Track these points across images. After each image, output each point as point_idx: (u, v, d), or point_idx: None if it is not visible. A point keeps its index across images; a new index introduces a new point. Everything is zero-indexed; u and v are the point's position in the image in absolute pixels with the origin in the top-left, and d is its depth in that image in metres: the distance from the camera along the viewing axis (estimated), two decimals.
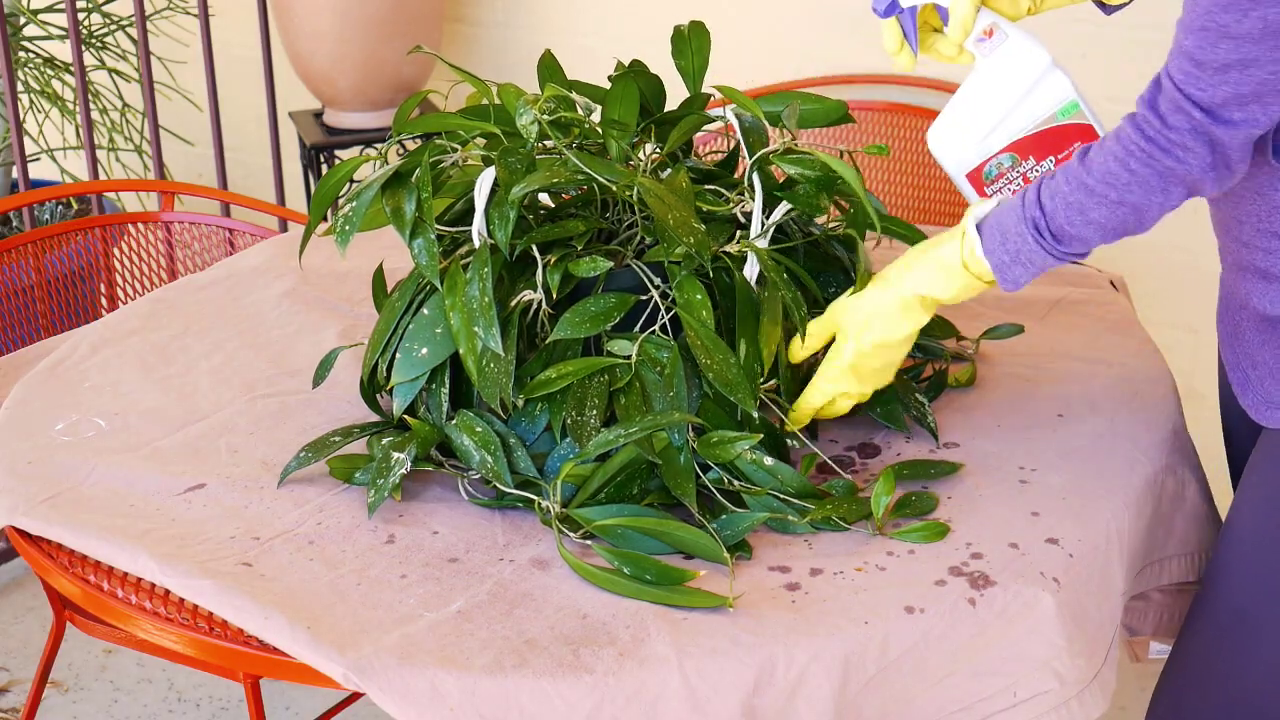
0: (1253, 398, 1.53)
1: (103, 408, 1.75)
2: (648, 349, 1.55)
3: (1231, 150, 1.35)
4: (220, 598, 1.40)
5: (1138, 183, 1.37)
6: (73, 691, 2.59)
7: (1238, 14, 1.28)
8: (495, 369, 1.53)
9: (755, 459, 1.52)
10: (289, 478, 1.58)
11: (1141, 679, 2.50)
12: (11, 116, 2.82)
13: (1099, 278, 2.04)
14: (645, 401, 1.53)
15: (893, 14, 1.59)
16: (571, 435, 1.51)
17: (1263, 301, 1.49)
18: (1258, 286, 1.49)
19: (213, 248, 2.52)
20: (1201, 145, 1.34)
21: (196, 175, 3.78)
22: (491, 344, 1.51)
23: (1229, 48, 1.29)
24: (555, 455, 1.55)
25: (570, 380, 1.53)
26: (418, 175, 1.59)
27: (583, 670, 1.31)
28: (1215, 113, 1.33)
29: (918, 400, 1.68)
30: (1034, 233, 1.44)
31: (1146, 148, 1.37)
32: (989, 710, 1.42)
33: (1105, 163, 1.39)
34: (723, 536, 1.46)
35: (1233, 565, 1.54)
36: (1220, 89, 1.31)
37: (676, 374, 1.52)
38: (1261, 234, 1.46)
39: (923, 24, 1.61)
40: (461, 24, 3.44)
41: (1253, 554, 1.52)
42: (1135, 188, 1.38)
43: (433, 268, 1.56)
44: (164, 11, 3.34)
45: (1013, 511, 1.53)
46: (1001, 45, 1.57)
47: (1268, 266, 1.47)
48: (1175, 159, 1.35)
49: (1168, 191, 1.38)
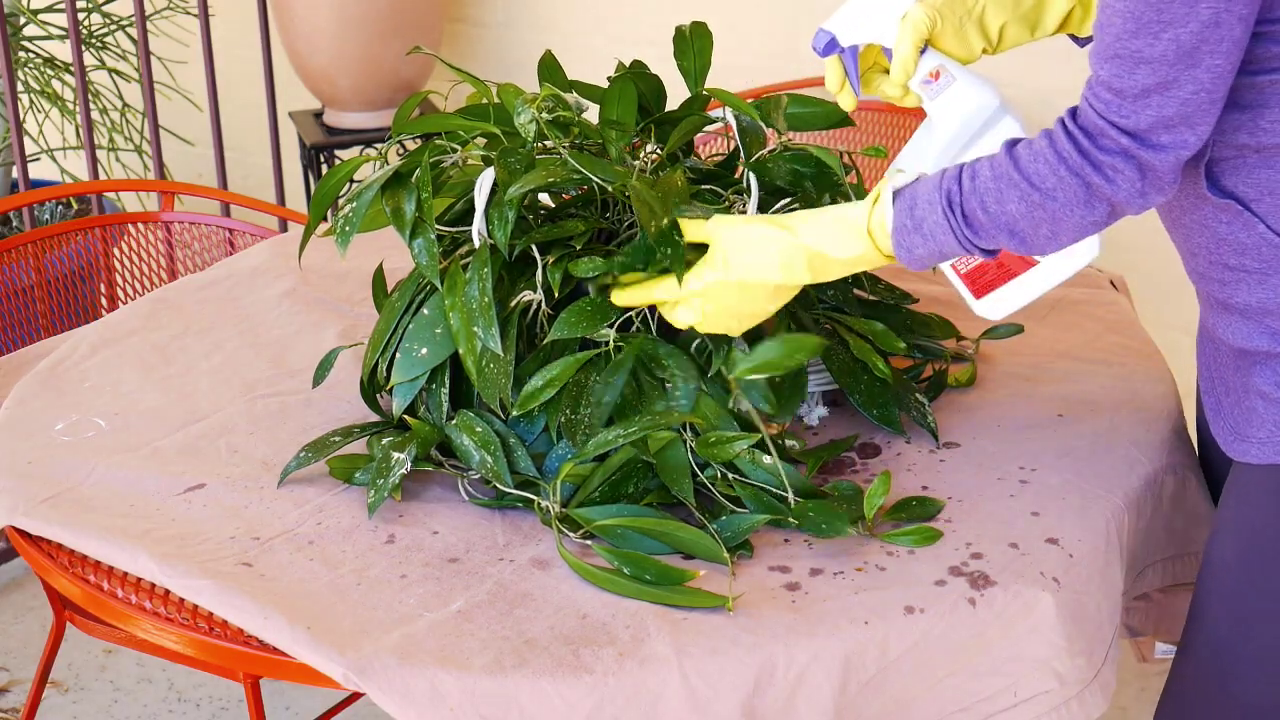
0: (1223, 427, 1.50)
1: (103, 408, 1.75)
2: (646, 345, 1.55)
3: (1163, 173, 1.32)
4: (220, 598, 1.40)
5: (1063, 189, 1.34)
6: (73, 691, 2.59)
7: (1149, 38, 1.26)
8: (495, 369, 1.53)
9: (754, 458, 1.52)
10: (289, 478, 1.58)
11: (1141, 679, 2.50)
12: (11, 116, 2.82)
13: (1099, 278, 2.04)
14: (640, 398, 1.53)
15: (832, 53, 1.55)
16: (565, 434, 1.51)
17: (1227, 333, 1.47)
18: (1221, 318, 1.47)
19: (213, 248, 2.52)
20: (1131, 169, 1.32)
21: (196, 175, 3.78)
22: (491, 344, 1.51)
23: (1146, 73, 1.27)
24: (554, 455, 1.55)
25: (558, 386, 1.53)
26: (417, 175, 1.59)
27: (583, 670, 1.31)
28: (1142, 138, 1.30)
29: (917, 400, 1.68)
30: (945, 204, 1.39)
31: (1078, 160, 1.33)
32: (989, 710, 1.42)
33: (1034, 162, 1.35)
34: (723, 537, 1.45)
35: (1210, 598, 1.53)
36: (1144, 114, 1.29)
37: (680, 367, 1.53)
38: (1214, 265, 1.43)
39: (873, 64, 1.58)
40: (461, 24, 3.44)
41: (1229, 589, 1.52)
42: (1059, 194, 1.34)
43: (433, 268, 1.56)
44: (164, 11, 3.34)
45: (1013, 511, 1.53)
46: (949, 88, 1.52)
47: (1225, 298, 1.44)
48: (1104, 177, 1.32)
49: (1091, 206, 1.34)
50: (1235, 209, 1.37)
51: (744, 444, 1.50)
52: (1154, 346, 1.86)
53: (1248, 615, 1.49)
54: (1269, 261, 1.38)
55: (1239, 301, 1.43)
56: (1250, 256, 1.39)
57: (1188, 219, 1.43)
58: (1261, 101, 1.32)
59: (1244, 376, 1.46)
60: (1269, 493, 1.45)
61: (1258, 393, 1.44)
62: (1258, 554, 1.48)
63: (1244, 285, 1.41)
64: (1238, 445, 1.48)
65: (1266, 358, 1.43)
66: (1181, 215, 1.44)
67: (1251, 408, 1.45)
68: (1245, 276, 1.41)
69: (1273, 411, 1.43)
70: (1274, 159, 1.34)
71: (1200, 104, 1.28)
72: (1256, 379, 1.44)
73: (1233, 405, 1.49)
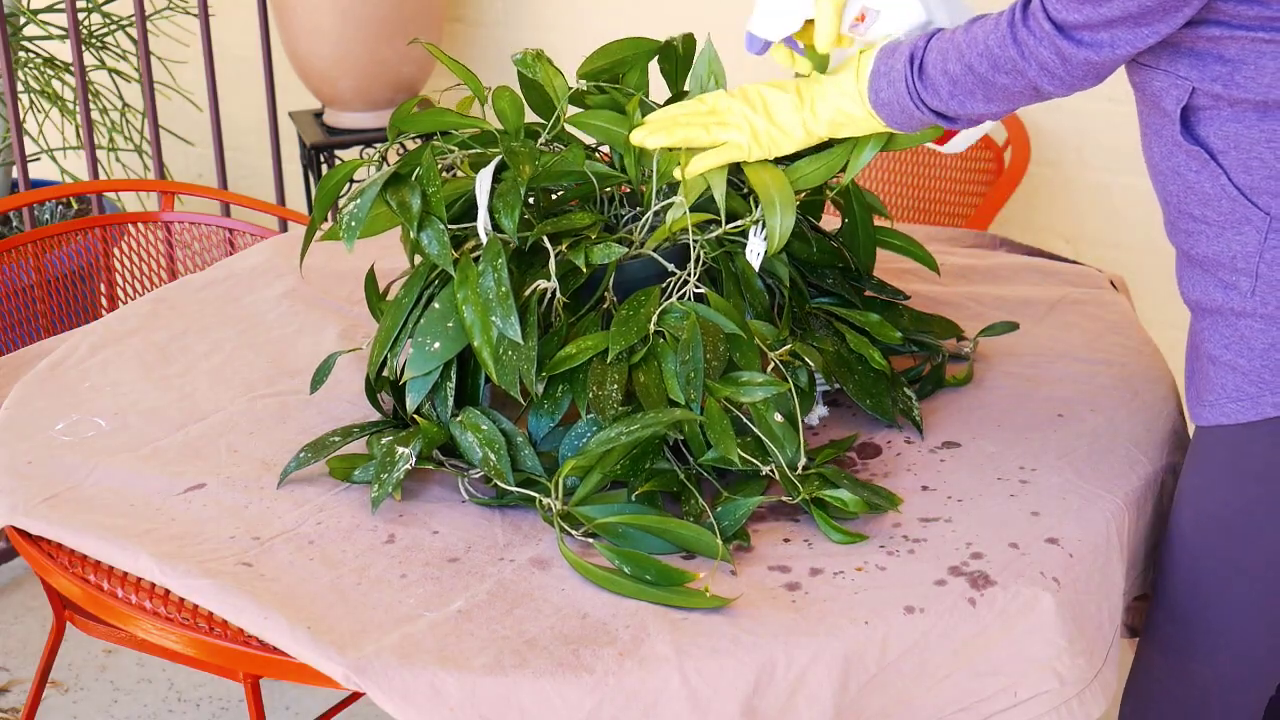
0: (1190, 395, 1.53)
1: (103, 408, 1.75)
2: (667, 321, 1.56)
3: (1077, 65, 1.39)
4: (220, 598, 1.40)
5: (998, 52, 1.42)
6: (73, 691, 2.59)
7: None
8: (514, 356, 1.53)
9: (767, 411, 1.53)
10: (289, 478, 1.58)
11: None
12: (11, 116, 2.82)
13: (1099, 278, 2.04)
14: (661, 376, 1.54)
15: (765, 51, 1.64)
16: (594, 410, 1.51)
17: (1188, 287, 1.50)
18: (1185, 271, 1.50)
19: (213, 248, 2.52)
20: (1047, 52, 1.39)
21: (196, 175, 3.78)
22: (510, 333, 1.52)
23: None
24: (572, 435, 1.55)
25: (592, 354, 1.54)
26: (419, 172, 1.59)
27: (583, 670, 1.31)
28: (1066, 32, 1.37)
29: (905, 395, 1.68)
30: (907, 57, 1.50)
31: (1006, 31, 1.41)
32: (989, 710, 1.42)
33: (982, 27, 1.44)
34: (722, 526, 1.46)
35: (1171, 571, 1.55)
36: (1073, 13, 1.35)
37: (694, 339, 1.53)
38: (1182, 215, 1.47)
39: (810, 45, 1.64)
40: (462, 23, 3.44)
41: (1187, 558, 1.53)
42: (994, 54, 1.42)
43: (445, 256, 1.56)
44: (164, 11, 3.34)
45: (1013, 511, 1.53)
46: (875, 23, 1.58)
47: (1189, 249, 1.48)
48: (1020, 53, 1.40)
49: (1013, 76, 1.42)
50: (1204, 158, 1.41)
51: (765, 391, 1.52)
52: (1154, 346, 1.86)
53: (1205, 584, 1.52)
54: (1227, 214, 1.42)
55: (1198, 253, 1.46)
56: (1212, 208, 1.43)
57: (1165, 165, 1.46)
58: (1241, 57, 1.35)
59: (1197, 339, 1.50)
60: (1220, 456, 1.48)
61: (1208, 356, 1.47)
62: (1212, 520, 1.51)
63: (1204, 237, 1.45)
64: (1195, 409, 1.51)
65: (1216, 316, 1.46)
66: (1160, 162, 1.47)
67: (1205, 372, 1.48)
68: (1205, 229, 1.44)
69: (1220, 374, 1.46)
70: (1245, 114, 1.38)
71: (1144, 7, 1.32)
72: (1207, 342, 1.47)
73: (1193, 371, 1.52)
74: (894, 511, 1.51)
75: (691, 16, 1.83)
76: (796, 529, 1.50)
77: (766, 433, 1.53)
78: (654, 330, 1.56)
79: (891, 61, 1.52)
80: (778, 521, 1.52)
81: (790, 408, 1.55)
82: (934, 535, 1.49)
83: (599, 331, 1.57)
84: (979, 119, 1.51)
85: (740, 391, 1.52)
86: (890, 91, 1.51)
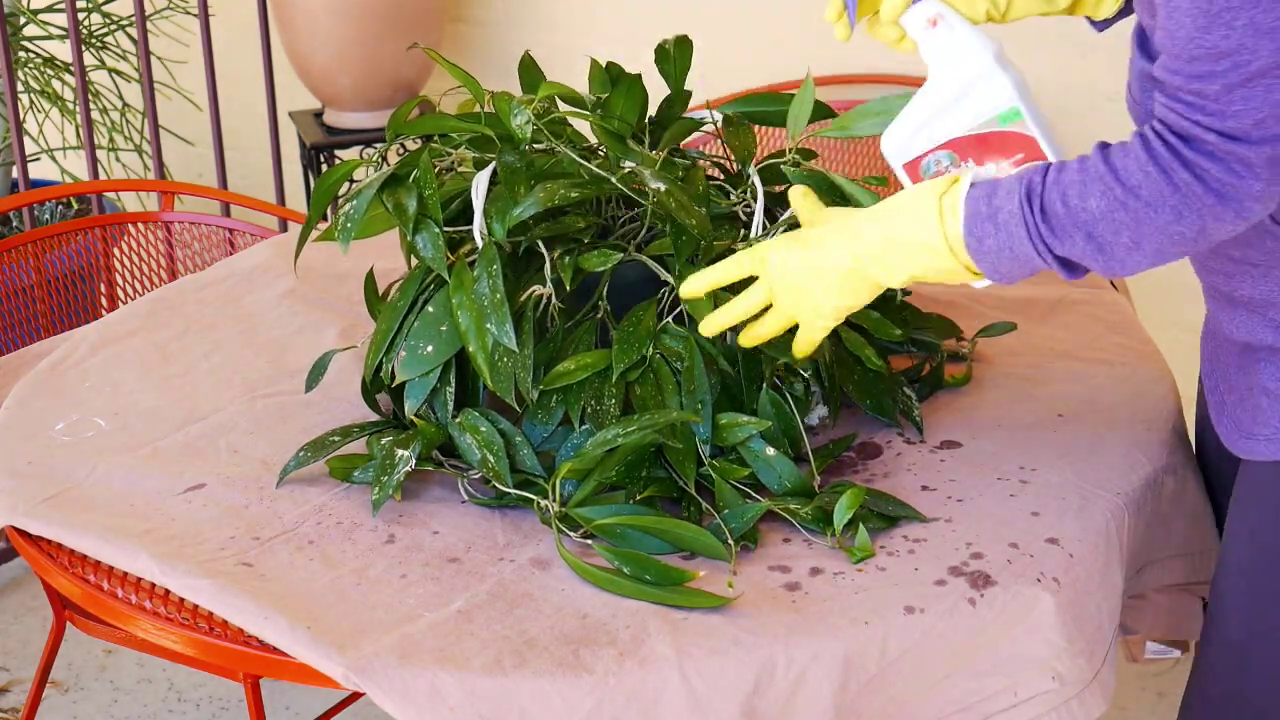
0: (1227, 425, 1.50)
1: (103, 408, 1.75)
2: (664, 341, 1.56)
3: (1261, 170, 1.24)
4: (220, 598, 1.40)
5: (1149, 186, 1.26)
6: (73, 691, 2.59)
7: (1223, 29, 1.19)
8: (510, 363, 1.53)
9: (756, 449, 1.53)
10: (289, 478, 1.58)
11: (1141, 679, 2.51)
12: (11, 116, 2.82)
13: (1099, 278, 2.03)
14: (659, 391, 1.54)
15: None
16: (591, 424, 1.51)
17: (1231, 327, 1.46)
18: (1226, 311, 1.46)
19: (213, 248, 2.52)
20: (1220, 170, 1.24)
21: (196, 175, 3.78)
22: (505, 340, 1.52)
23: (1227, 65, 1.20)
24: (569, 444, 1.55)
25: (589, 373, 1.53)
26: (417, 174, 1.59)
27: (583, 670, 1.31)
28: (1232, 135, 1.22)
29: (905, 395, 1.68)
30: (1023, 194, 1.32)
31: (1168, 158, 1.25)
32: (989, 710, 1.42)
33: (1124, 158, 1.29)
34: (730, 528, 1.46)
35: (1225, 601, 1.53)
36: (1231, 111, 1.22)
37: (696, 367, 1.54)
38: (1219, 257, 1.42)
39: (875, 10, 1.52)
40: (462, 24, 3.44)
41: (1242, 591, 1.51)
42: (1144, 190, 1.27)
43: (439, 260, 1.56)
44: (164, 11, 3.34)
45: (1013, 511, 1.53)
46: (946, 37, 1.47)
47: (1229, 290, 1.44)
48: (1193, 174, 1.24)
49: (1179, 214, 1.26)
50: None
51: (750, 430, 1.52)
52: (1154, 346, 1.86)
53: (1261, 619, 1.49)
54: (1272, 254, 1.38)
55: (1243, 294, 1.42)
56: (1254, 249, 1.38)
57: None
58: None
59: (1248, 374, 1.46)
60: (1276, 490, 1.45)
61: (1263, 390, 1.44)
62: (1266, 557, 1.48)
63: (1248, 278, 1.41)
64: (1243, 443, 1.47)
65: (1270, 352, 1.42)
66: None
67: (1257, 405, 1.45)
68: (1250, 269, 1.40)
69: (1278, 408, 1.43)
70: None
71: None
72: (1261, 376, 1.44)
73: (1236, 403, 1.48)
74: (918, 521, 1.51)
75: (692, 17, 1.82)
76: (796, 529, 1.50)
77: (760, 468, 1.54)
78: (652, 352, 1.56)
79: (996, 202, 1.34)
80: (778, 521, 1.52)
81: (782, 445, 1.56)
82: (934, 535, 1.49)
83: (596, 350, 1.56)
84: (1128, 271, 1.33)
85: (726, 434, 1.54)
86: (1000, 238, 1.33)
